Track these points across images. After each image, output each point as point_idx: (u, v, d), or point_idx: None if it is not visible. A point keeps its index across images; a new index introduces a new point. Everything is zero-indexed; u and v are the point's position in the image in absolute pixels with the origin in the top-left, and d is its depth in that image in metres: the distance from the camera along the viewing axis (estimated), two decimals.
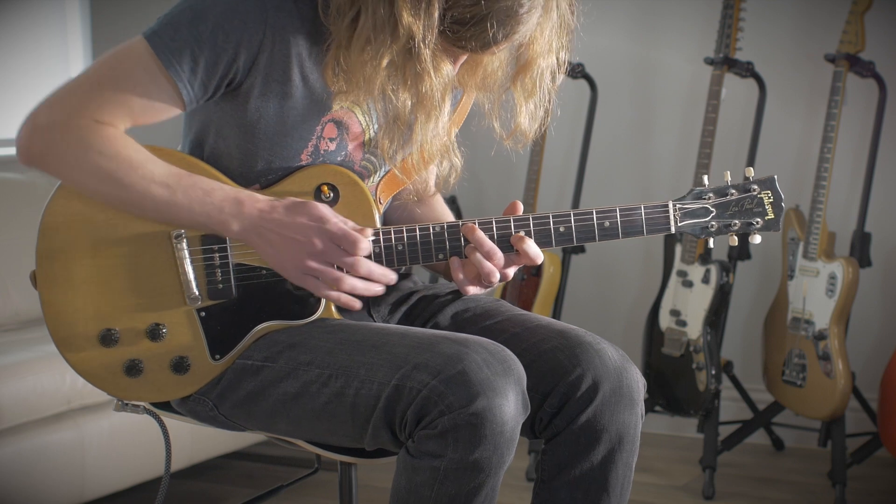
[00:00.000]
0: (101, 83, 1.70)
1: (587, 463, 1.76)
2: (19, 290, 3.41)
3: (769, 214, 1.79)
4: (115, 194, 1.71)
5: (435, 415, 1.60)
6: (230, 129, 1.76)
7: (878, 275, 3.66)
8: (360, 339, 1.70)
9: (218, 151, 1.79)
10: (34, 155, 1.71)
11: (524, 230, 1.75)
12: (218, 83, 1.71)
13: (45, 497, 2.88)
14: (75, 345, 1.77)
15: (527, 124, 1.81)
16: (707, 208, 1.79)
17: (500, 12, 1.63)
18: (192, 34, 1.67)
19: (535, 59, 1.76)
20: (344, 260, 1.69)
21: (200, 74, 1.69)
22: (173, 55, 1.68)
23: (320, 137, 1.78)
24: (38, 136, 1.70)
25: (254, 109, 1.73)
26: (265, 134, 1.75)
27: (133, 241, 1.76)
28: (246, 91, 1.72)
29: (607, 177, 4.01)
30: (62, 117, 1.69)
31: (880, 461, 3.57)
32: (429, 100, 1.70)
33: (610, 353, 1.77)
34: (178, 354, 1.77)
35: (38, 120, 1.70)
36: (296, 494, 3.28)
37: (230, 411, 1.78)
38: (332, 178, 1.77)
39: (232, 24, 1.67)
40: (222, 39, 1.67)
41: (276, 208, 1.70)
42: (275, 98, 1.72)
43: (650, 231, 1.77)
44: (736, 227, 1.79)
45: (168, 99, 1.71)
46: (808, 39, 3.70)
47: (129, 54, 1.70)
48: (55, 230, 1.76)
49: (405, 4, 1.62)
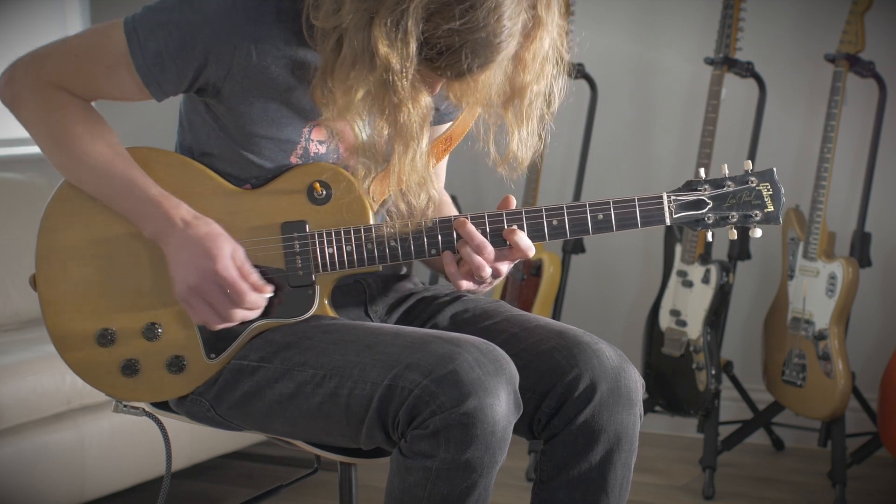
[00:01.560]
0: (78, 57, 1.75)
1: (586, 463, 1.76)
2: (19, 290, 3.41)
3: (768, 207, 1.77)
4: (61, 161, 1.78)
5: (426, 415, 1.60)
6: (219, 131, 1.77)
7: (878, 275, 3.66)
8: (354, 339, 1.71)
9: (209, 151, 1.80)
10: (6, 101, 1.80)
11: (517, 224, 1.75)
12: (189, 85, 1.73)
13: (45, 497, 2.88)
14: (73, 344, 1.78)
15: (522, 152, 1.78)
16: (703, 200, 1.77)
17: (476, 43, 1.60)
18: (165, 37, 1.70)
19: (526, 87, 1.73)
20: (218, 309, 1.71)
21: (170, 76, 1.71)
22: (144, 56, 1.71)
23: (309, 140, 1.78)
24: (10, 88, 1.78)
25: (238, 114, 1.74)
26: (252, 137, 1.75)
27: (129, 241, 1.77)
28: (227, 97, 1.73)
29: (607, 177, 4.01)
30: (36, 77, 1.76)
31: (880, 461, 3.57)
32: (406, 130, 1.68)
33: (608, 354, 1.77)
34: (174, 354, 1.77)
35: (16, 73, 1.77)
36: (295, 494, 3.28)
37: (227, 412, 1.79)
38: (324, 176, 1.77)
39: (203, 33, 1.68)
40: (190, 47, 1.69)
41: (188, 227, 1.71)
42: (256, 103, 1.73)
43: (645, 223, 1.76)
44: (734, 220, 1.77)
45: (136, 90, 1.75)
46: (808, 39, 3.70)
47: (108, 39, 1.73)
48: (54, 231, 1.78)
49: (381, 35, 1.59)
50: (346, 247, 1.75)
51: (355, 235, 1.75)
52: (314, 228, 1.76)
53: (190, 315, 1.74)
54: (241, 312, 1.72)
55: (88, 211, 1.78)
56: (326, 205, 1.77)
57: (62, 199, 1.79)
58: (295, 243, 1.76)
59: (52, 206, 1.79)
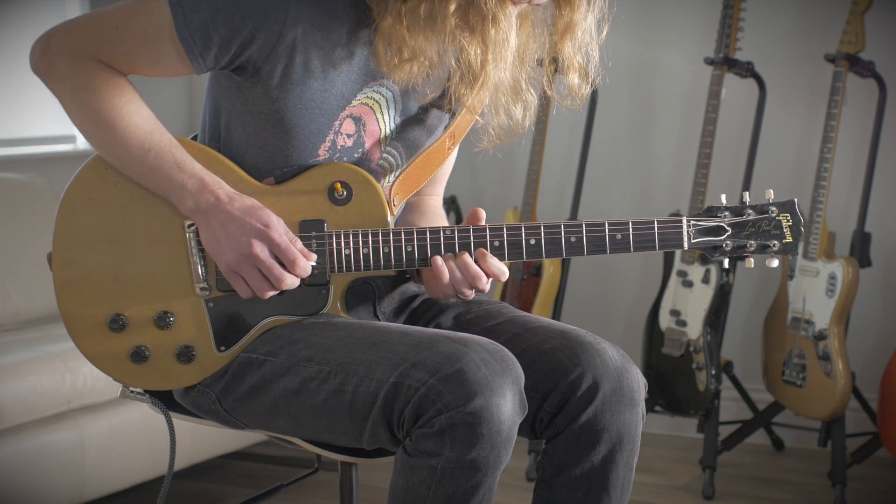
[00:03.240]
0: (118, 28, 1.74)
1: (587, 463, 1.76)
2: (19, 290, 3.41)
3: (787, 238, 1.76)
4: (95, 135, 1.76)
5: (432, 413, 1.60)
6: (249, 116, 1.77)
7: (878, 275, 3.66)
8: (361, 337, 1.71)
9: (235, 139, 1.80)
10: (39, 71, 1.77)
11: (534, 238, 1.75)
12: (231, 59, 1.72)
13: (45, 497, 2.88)
14: (84, 328, 1.79)
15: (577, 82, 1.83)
16: (723, 227, 1.76)
17: None
18: (211, 8, 1.69)
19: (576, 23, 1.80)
20: (273, 272, 1.71)
21: (214, 50, 1.70)
22: (189, 28, 1.69)
23: (338, 133, 1.78)
24: (46, 59, 1.75)
25: (273, 99, 1.74)
26: (283, 125, 1.75)
27: (147, 228, 1.78)
28: (265, 78, 1.73)
29: (607, 177, 4.01)
30: (72, 49, 1.74)
31: (880, 461, 3.57)
32: (496, 43, 1.70)
33: (610, 353, 1.77)
34: (184, 343, 1.78)
35: (52, 42, 1.75)
36: (296, 494, 3.28)
37: (232, 405, 1.79)
38: (346, 177, 1.78)
39: (252, 7, 1.68)
40: (239, 20, 1.68)
41: (233, 201, 1.73)
42: (294, 88, 1.73)
43: (663, 246, 1.75)
44: (752, 249, 1.76)
45: (177, 64, 1.74)
46: (808, 39, 3.70)
47: (150, 11, 1.72)
48: (73, 214, 1.79)
49: None
50: (362, 249, 1.76)
51: (373, 238, 1.76)
52: (332, 228, 1.77)
53: (237, 288, 1.74)
54: (291, 278, 1.72)
55: (108, 196, 1.78)
56: (346, 205, 1.77)
57: (83, 181, 1.79)
58: (312, 242, 1.76)
59: (71, 189, 1.79)
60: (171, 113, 3.54)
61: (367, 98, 1.79)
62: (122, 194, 1.78)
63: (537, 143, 3.69)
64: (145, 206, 1.77)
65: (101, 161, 1.78)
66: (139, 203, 1.77)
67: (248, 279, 1.73)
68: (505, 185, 4.15)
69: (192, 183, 1.73)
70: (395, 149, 1.85)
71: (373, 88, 1.78)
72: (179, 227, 1.77)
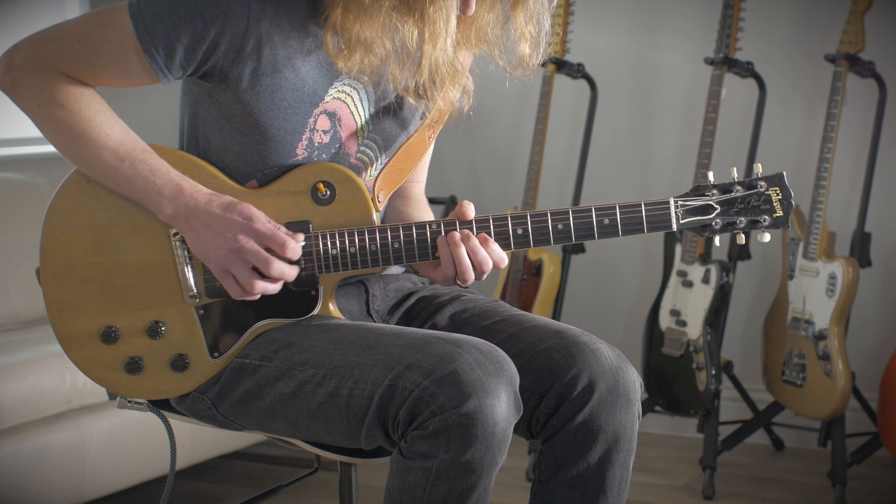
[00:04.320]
0: (80, 41, 1.73)
1: (584, 463, 1.76)
2: (19, 290, 3.41)
3: (777, 212, 1.74)
4: (67, 149, 1.75)
5: (427, 415, 1.60)
6: (224, 121, 1.77)
7: (878, 275, 3.66)
8: (355, 340, 1.71)
9: (213, 145, 1.79)
10: (5, 89, 1.76)
11: (521, 227, 1.75)
12: (197, 67, 1.72)
13: (45, 497, 2.88)
14: (77, 341, 1.79)
15: (528, 52, 1.79)
16: (711, 205, 1.75)
17: None
18: (173, 18, 1.68)
19: None
20: (260, 256, 1.70)
21: (178, 59, 1.70)
22: (151, 38, 1.69)
23: (314, 130, 1.78)
24: (10, 75, 1.75)
25: (245, 102, 1.74)
26: (258, 127, 1.75)
27: (132, 239, 1.77)
28: (234, 82, 1.72)
29: (607, 177, 4.01)
30: (36, 64, 1.73)
31: (880, 461, 3.57)
32: (433, 22, 1.68)
33: (606, 353, 1.77)
34: (177, 352, 1.78)
35: (15, 58, 1.74)
36: (295, 494, 3.28)
37: (228, 410, 1.79)
38: (328, 176, 1.77)
39: (213, 11, 1.68)
40: (202, 28, 1.68)
41: (211, 201, 1.72)
42: (265, 90, 1.73)
43: (651, 228, 1.74)
44: (742, 225, 1.75)
45: (142, 74, 1.73)
46: (808, 39, 3.70)
47: (111, 22, 1.71)
48: (58, 228, 1.78)
49: None
50: (349, 248, 1.75)
51: (359, 237, 1.75)
52: (318, 229, 1.76)
53: (228, 288, 1.73)
54: (280, 266, 1.71)
55: (91, 209, 1.77)
56: (330, 205, 1.77)
57: (66, 195, 1.78)
58: None
59: (55, 203, 1.79)
60: (159, 121, 3.54)
61: (339, 92, 1.78)
62: (105, 206, 1.77)
63: (537, 143, 3.69)
64: (130, 217, 1.77)
65: (82, 174, 1.78)
66: (123, 214, 1.77)
67: (238, 275, 1.71)
68: (505, 184, 4.15)
69: (168, 189, 1.72)
70: (372, 141, 1.84)
71: (343, 82, 1.78)
72: (165, 237, 1.76)
